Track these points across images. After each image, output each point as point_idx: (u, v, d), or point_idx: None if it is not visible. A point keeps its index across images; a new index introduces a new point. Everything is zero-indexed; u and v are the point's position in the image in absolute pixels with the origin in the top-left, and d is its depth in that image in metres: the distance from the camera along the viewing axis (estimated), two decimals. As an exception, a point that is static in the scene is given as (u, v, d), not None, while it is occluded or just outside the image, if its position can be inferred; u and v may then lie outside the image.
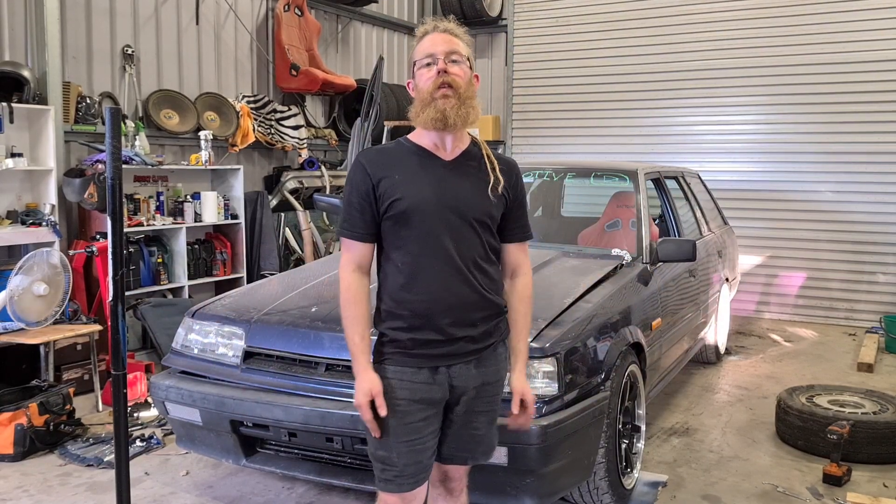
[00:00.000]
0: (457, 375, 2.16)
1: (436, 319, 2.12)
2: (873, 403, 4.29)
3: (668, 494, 3.61)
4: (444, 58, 2.13)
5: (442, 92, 2.11)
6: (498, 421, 2.31)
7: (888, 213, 7.25)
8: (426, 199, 2.12)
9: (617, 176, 4.82)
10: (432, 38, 2.17)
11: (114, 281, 2.65)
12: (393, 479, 2.15)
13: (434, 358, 2.14)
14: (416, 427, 2.13)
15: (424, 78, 2.14)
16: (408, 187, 2.13)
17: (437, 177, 2.16)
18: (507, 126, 9.18)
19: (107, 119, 2.62)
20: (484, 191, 2.18)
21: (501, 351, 2.26)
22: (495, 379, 2.23)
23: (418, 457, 2.14)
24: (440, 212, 2.13)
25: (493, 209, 2.20)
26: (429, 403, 2.14)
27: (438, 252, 2.12)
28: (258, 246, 6.70)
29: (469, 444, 2.25)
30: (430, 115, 2.11)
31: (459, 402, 2.19)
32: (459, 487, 2.35)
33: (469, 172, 2.20)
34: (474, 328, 2.15)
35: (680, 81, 8.07)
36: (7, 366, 4.71)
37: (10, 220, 5.09)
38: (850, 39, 7.27)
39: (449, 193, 2.14)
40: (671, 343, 4.33)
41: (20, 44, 5.28)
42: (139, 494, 3.50)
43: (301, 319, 3.26)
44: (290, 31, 7.18)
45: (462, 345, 2.15)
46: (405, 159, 2.18)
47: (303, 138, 7.36)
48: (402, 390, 2.13)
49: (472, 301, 2.15)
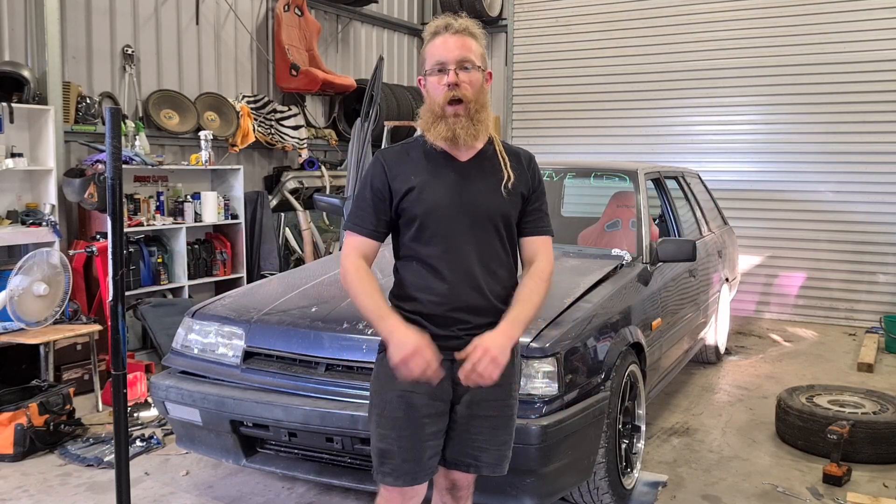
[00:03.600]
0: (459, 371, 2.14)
1: (442, 318, 2.14)
2: (873, 403, 4.29)
3: (668, 494, 3.61)
4: (456, 67, 2.10)
5: (453, 110, 2.11)
6: (512, 429, 2.27)
7: (888, 213, 7.24)
8: (441, 202, 2.13)
9: (617, 176, 4.82)
10: (444, 41, 2.13)
11: (114, 281, 2.65)
12: (390, 472, 2.14)
13: (440, 351, 2.10)
14: (421, 422, 2.12)
15: (436, 87, 2.13)
16: (423, 189, 2.14)
17: (453, 179, 2.17)
18: (507, 126, 9.17)
19: (107, 119, 2.62)
20: (500, 188, 2.17)
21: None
22: (499, 383, 2.11)
23: (418, 454, 2.13)
24: (455, 214, 2.14)
25: (509, 208, 2.19)
26: (433, 398, 2.13)
27: (451, 254, 2.14)
28: (258, 246, 6.70)
29: (470, 450, 2.20)
30: (441, 134, 2.13)
31: (461, 402, 2.18)
32: (465, 496, 2.33)
33: (484, 172, 2.20)
34: (479, 329, 2.14)
35: (680, 81, 8.06)
36: (7, 366, 4.70)
37: (10, 220, 5.09)
38: (850, 39, 7.26)
39: (464, 196, 2.15)
40: (671, 343, 4.33)
41: (20, 44, 5.28)
42: (139, 494, 3.50)
43: (301, 319, 3.26)
44: (290, 31, 7.18)
45: (466, 341, 2.11)
46: (422, 160, 2.19)
47: (303, 138, 7.36)
48: (409, 382, 2.09)
49: (478, 306, 2.15)
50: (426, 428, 2.13)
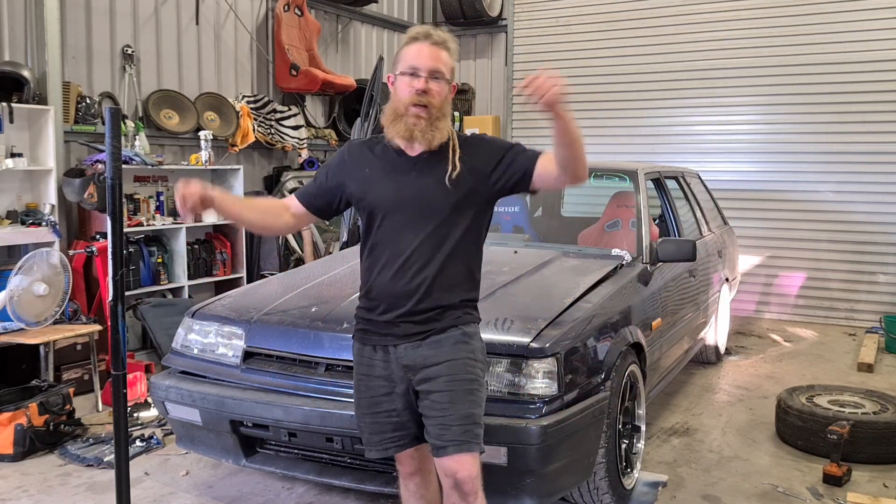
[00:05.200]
0: (404, 355, 2.30)
1: (383, 305, 2.31)
2: (873, 403, 4.28)
3: (668, 494, 3.61)
4: (427, 75, 2.25)
5: (415, 112, 2.25)
6: (475, 405, 2.30)
7: (888, 213, 7.24)
8: (388, 196, 2.30)
9: (617, 176, 4.82)
10: (419, 48, 2.27)
11: (114, 281, 2.65)
12: (365, 444, 2.44)
13: (383, 337, 2.33)
14: (377, 401, 2.36)
15: (404, 87, 2.27)
16: (373, 183, 2.33)
17: (401, 173, 2.32)
18: (507, 126, 9.17)
19: (107, 119, 2.62)
20: (451, 179, 2.28)
21: (455, 334, 2.31)
22: (447, 358, 2.27)
23: (380, 427, 2.37)
24: (399, 209, 2.29)
25: (458, 197, 2.28)
26: (387, 379, 2.34)
27: (395, 246, 2.29)
28: (258, 246, 6.71)
29: (434, 429, 2.28)
30: (399, 131, 2.27)
31: (417, 382, 2.30)
32: (469, 490, 2.34)
33: (433, 167, 2.30)
34: (417, 316, 2.29)
35: (680, 81, 8.06)
36: (7, 366, 4.70)
37: (10, 220, 5.09)
38: (850, 39, 7.26)
39: (409, 189, 2.29)
40: (671, 343, 4.33)
41: (20, 44, 5.28)
42: (139, 494, 3.50)
43: (301, 319, 3.26)
44: (290, 31, 7.18)
45: (405, 327, 2.29)
46: (380, 156, 2.36)
47: (303, 138, 7.36)
48: (362, 366, 2.38)
49: (415, 295, 2.28)
50: (382, 405, 2.35)
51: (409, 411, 2.35)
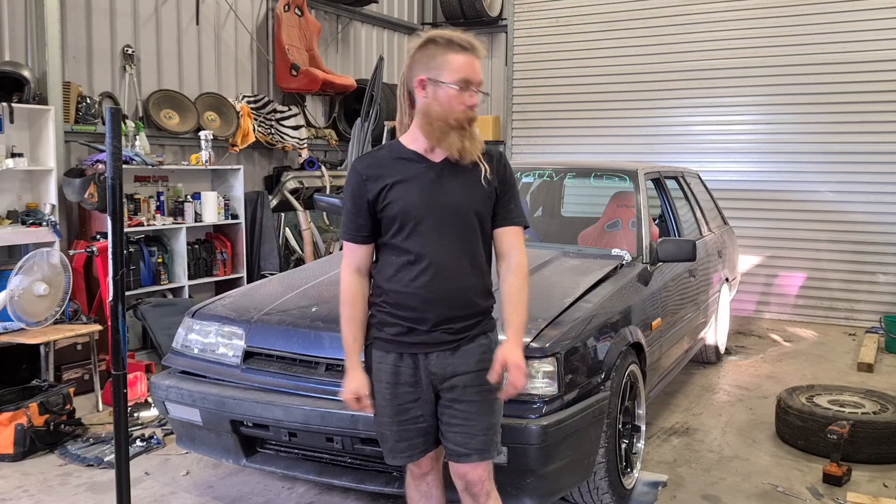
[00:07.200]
0: (434, 363, 2.28)
1: (416, 313, 2.26)
2: (873, 403, 4.29)
3: (668, 494, 3.61)
4: (476, 89, 2.24)
5: (465, 126, 2.23)
6: (497, 414, 2.35)
7: (888, 213, 7.24)
8: (414, 203, 2.24)
9: (617, 176, 4.82)
10: (471, 62, 2.23)
11: (114, 281, 2.66)
12: (389, 451, 2.38)
13: (412, 346, 2.28)
14: (405, 408, 2.32)
15: (454, 100, 2.21)
16: (398, 191, 2.25)
17: (427, 179, 2.27)
18: (507, 126, 9.17)
19: (107, 119, 2.62)
20: (473, 186, 2.28)
21: (484, 343, 2.32)
22: (476, 368, 2.28)
23: (407, 434, 2.33)
24: (429, 213, 2.25)
25: (482, 204, 2.29)
26: (414, 386, 2.30)
27: (429, 252, 2.25)
28: (258, 246, 6.71)
29: (458, 437, 2.29)
30: (453, 144, 2.22)
31: (442, 390, 2.30)
32: (480, 492, 2.37)
33: (458, 171, 2.29)
34: (454, 323, 2.27)
35: (680, 81, 8.06)
36: (7, 366, 4.71)
37: (10, 220, 5.09)
38: (850, 39, 7.26)
39: (438, 194, 2.26)
40: (671, 343, 4.33)
41: (20, 44, 5.28)
42: (139, 494, 3.50)
43: (301, 319, 3.26)
44: (290, 31, 7.18)
45: (439, 335, 2.27)
46: (397, 164, 2.29)
47: (303, 138, 7.36)
48: (386, 374, 2.31)
49: (454, 302, 2.26)
50: (410, 412, 2.32)
51: (433, 416, 2.35)
